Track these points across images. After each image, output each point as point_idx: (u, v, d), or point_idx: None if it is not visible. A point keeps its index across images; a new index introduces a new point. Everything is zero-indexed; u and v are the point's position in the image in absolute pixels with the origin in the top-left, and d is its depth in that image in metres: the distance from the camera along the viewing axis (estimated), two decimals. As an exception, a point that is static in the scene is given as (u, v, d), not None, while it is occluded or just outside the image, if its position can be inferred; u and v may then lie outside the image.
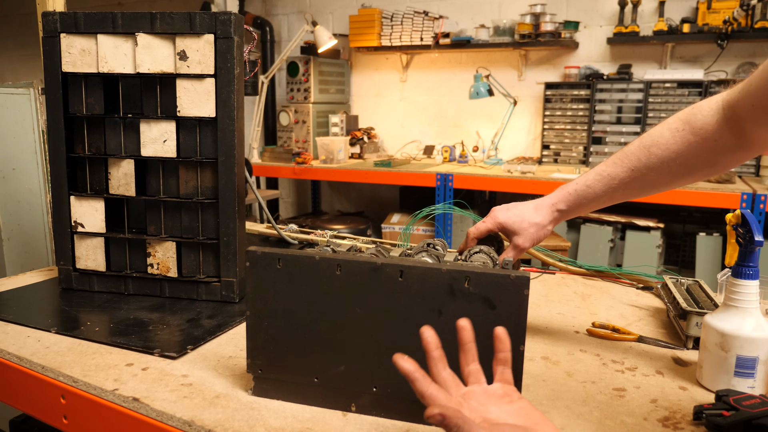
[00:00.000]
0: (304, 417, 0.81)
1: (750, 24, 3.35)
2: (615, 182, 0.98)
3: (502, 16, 4.15)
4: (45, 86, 1.23)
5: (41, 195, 2.27)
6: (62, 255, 1.28)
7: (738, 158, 0.91)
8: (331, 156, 3.98)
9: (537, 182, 3.33)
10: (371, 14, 4.25)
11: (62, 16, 1.20)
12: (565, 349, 1.04)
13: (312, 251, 0.83)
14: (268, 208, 1.95)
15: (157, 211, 1.25)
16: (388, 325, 0.79)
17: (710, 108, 0.91)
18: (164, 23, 1.17)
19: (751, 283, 0.86)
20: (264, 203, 1.66)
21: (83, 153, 1.25)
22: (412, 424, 0.80)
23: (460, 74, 4.41)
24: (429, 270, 0.76)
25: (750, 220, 0.85)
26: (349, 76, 4.80)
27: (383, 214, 4.49)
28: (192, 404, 0.83)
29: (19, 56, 6.56)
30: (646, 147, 0.95)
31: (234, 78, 1.16)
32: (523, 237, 1.03)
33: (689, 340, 1.04)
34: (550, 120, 3.89)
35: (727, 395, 0.79)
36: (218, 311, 1.19)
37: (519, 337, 0.74)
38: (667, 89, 3.54)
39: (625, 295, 1.34)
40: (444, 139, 4.48)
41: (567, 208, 1.03)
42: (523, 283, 0.73)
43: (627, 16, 3.75)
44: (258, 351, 0.85)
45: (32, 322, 1.11)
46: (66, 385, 0.92)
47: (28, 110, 2.23)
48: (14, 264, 2.21)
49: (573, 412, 0.82)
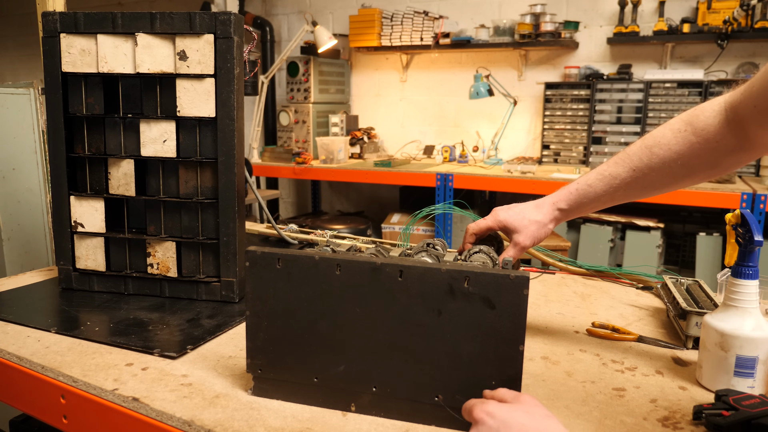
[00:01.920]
0: (304, 417, 0.81)
1: (750, 24, 3.35)
2: (616, 182, 0.98)
3: (502, 16, 4.15)
4: (45, 86, 1.23)
5: (41, 195, 2.27)
6: (62, 255, 1.28)
7: (740, 160, 0.92)
8: (331, 156, 3.98)
9: (537, 182, 3.33)
10: (371, 14, 4.25)
11: (62, 16, 1.20)
12: (564, 349, 1.04)
13: (312, 251, 0.83)
14: (268, 208, 1.95)
15: (157, 211, 1.25)
16: (387, 324, 0.79)
17: (712, 109, 0.91)
18: (164, 23, 1.17)
19: (750, 283, 0.86)
20: (264, 203, 1.66)
21: (83, 153, 1.25)
22: (411, 424, 0.80)
23: (460, 74, 4.41)
24: (428, 270, 0.76)
25: (750, 220, 0.85)
26: (349, 76, 4.80)
27: (383, 214, 4.49)
28: (192, 404, 0.83)
29: (19, 56, 6.56)
30: (647, 147, 0.95)
31: (234, 78, 1.16)
32: (523, 235, 1.03)
33: (689, 340, 1.04)
34: (550, 120, 3.89)
35: (727, 395, 0.79)
36: (218, 311, 1.19)
37: (518, 337, 0.74)
38: (667, 89, 3.54)
39: (625, 295, 1.34)
40: (444, 139, 4.48)
41: (568, 207, 1.03)
42: (522, 282, 0.73)
43: (627, 16, 3.75)
44: (258, 351, 0.85)
45: (32, 322, 1.11)
46: (66, 385, 0.92)
47: (28, 110, 2.23)
48: (14, 264, 2.21)
49: (573, 412, 0.82)
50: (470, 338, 0.76)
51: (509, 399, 0.70)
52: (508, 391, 0.73)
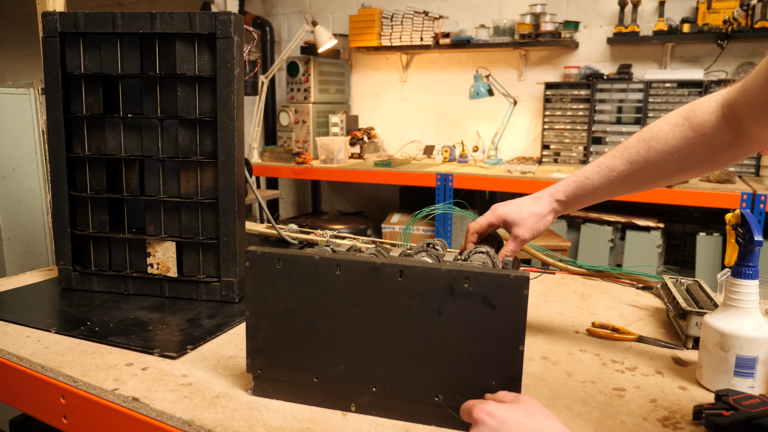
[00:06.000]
0: (304, 417, 0.81)
1: (750, 24, 3.35)
2: (614, 174, 0.98)
3: (502, 16, 4.15)
4: (45, 86, 1.23)
5: (41, 195, 2.27)
6: (62, 255, 1.28)
7: (736, 155, 0.92)
8: (331, 156, 3.98)
9: (537, 182, 3.33)
10: (371, 14, 4.25)
11: (62, 16, 1.20)
12: (564, 349, 1.04)
13: (312, 251, 0.83)
14: (268, 208, 1.95)
15: (157, 211, 1.25)
16: (387, 325, 0.79)
17: (710, 105, 0.91)
18: (164, 23, 1.17)
19: (750, 283, 0.86)
20: (264, 203, 1.66)
21: (83, 153, 1.25)
22: (411, 423, 0.80)
23: (460, 74, 4.41)
24: (428, 270, 0.76)
25: (750, 220, 0.85)
26: (349, 76, 4.80)
27: (383, 214, 4.49)
28: (192, 404, 0.83)
29: (19, 56, 6.56)
30: (645, 140, 0.95)
31: (234, 78, 1.16)
32: (522, 227, 1.03)
33: (689, 340, 1.04)
34: (550, 120, 3.89)
35: (727, 395, 0.79)
36: (218, 311, 1.19)
37: (518, 337, 0.74)
38: (667, 89, 3.54)
39: (625, 295, 1.34)
40: (444, 139, 4.48)
41: (566, 198, 1.03)
42: (522, 282, 0.73)
43: (627, 16, 3.75)
44: (258, 351, 0.85)
45: (32, 322, 1.11)
46: (66, 385, 0.92)
47: (28, 110, 2.22)
48: (14, 264, 2.21)
49: (573, 412, 0.82)
50: (470, 338, 0.76)
51: (509, 400, 0.70)
52: (508, 393, 0.73)
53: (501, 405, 0.68)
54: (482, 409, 0.68)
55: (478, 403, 0.70)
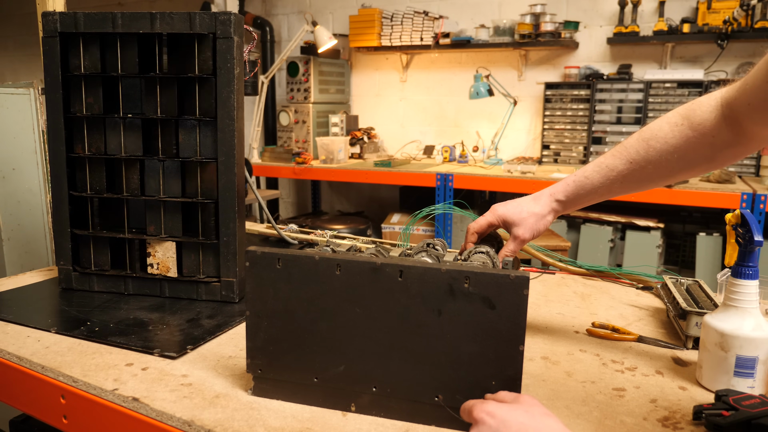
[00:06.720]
0: (304, 417, 0.81)
1: (750, 24, 3.35)
2: (613, 174, 0.98)
3: (502, 16, 4.15)
4: (45, 86, 1.23)
5: (41, 195, 2.27)
6: (62, 255, 1.28)
7: (736, 154, 0.92)
8: (331, 156, 3.98)
9: (537, 182, 3.33)
10: (371, 14, 4.25)
11: (62, 16, 1.20)
12: (564, 349, 1.04)
13: (312, 251, 0.83)
14: (268, 208, 1.95)
15: (157, 211, 1.25)
16: (387, 325, 0.79)
17: (709, 104, 0.91)
18: (164, 23, 1.17)
19: (750, 283, 0.86)
20: (264, 203, 1.66)
21: (83, 153, 1.25)
22: (411, 424, 0.80)
23: (460, 74, 4.41)
24: (428, 270, 0.76)
25: (750, 220, 0.85)
26: (349, 76, 4.80)
27: (383, 214, 4.49)
28: (192, 404, 0.83)
29: (19, 56, 6.56)
30: (645, 140, 0.95)
31: (234, 78, 1.16)
32: (522, 227, 1.04)
33: (689, 340, 1.04)
34: (550, 120, 3.89)
35: (727, 395, 0.79)
36: (218, 311, 1.19)
37: (518, 337, 0.74)
38: (667, 89, 3.54)
39: (624, 295, 1.34)
40: (444, 139, 4.48)
41: (565, 198, 1.03)
42: (522, 283, 0.73)
43: (627, 16, 3.75)
44: (258, 351, 0.85)
45: (32, 322, 1.11)
46: (66, 385, 0.92)
47: (28, 110, 2.23)
48: (14, 264, 2.21)
49: (573, 412, 0.82)
50: (470, 338, 0.76)
51: (509, 400, 0.70)
52: (508, 393, 0.73)
53: (501, 405, 0.68)
54: (482, 408, 0.68)
55: (478, 402, 0.70)
